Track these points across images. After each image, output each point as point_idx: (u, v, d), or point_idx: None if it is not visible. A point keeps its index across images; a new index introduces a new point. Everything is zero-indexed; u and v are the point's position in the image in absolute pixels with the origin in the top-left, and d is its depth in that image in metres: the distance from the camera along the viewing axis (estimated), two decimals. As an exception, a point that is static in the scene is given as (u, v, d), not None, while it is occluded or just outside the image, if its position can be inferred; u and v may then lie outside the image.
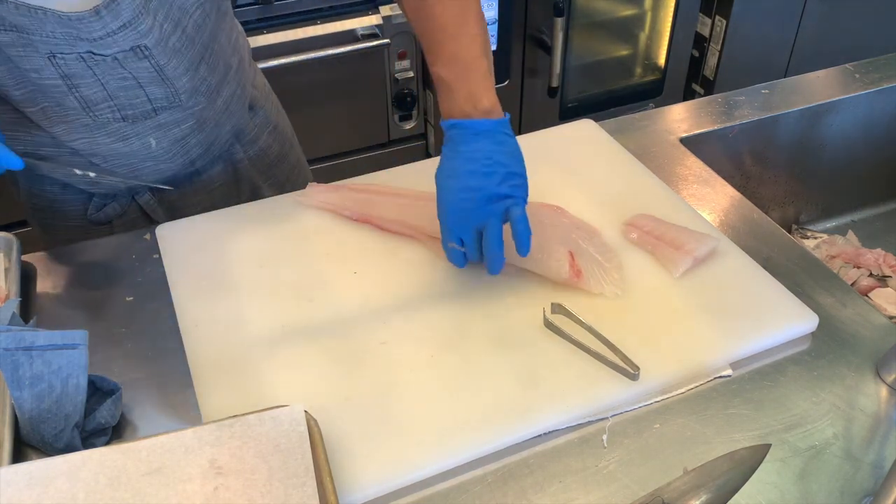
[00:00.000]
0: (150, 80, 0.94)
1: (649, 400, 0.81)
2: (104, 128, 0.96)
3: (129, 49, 0.89)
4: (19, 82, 0.91)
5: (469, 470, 0.75)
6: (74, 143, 0.97)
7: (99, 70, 0.90)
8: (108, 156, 1.00)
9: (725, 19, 2.29)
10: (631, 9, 2.30)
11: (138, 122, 0.97)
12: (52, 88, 0.91)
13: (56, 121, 0.95)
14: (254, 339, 0.86)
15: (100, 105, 0.94)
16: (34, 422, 0.75)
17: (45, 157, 1.00)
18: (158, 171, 1.05)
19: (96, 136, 0.97)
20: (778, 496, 0.73)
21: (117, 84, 0.92)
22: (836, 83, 1.32)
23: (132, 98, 0.95)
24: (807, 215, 1.40)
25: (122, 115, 0.96)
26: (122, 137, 0.98)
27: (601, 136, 1.17)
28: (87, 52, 0.88)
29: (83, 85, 0.91)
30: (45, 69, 0.88)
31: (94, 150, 0.98)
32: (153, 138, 1.00)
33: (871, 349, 0.87)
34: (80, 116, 0.94)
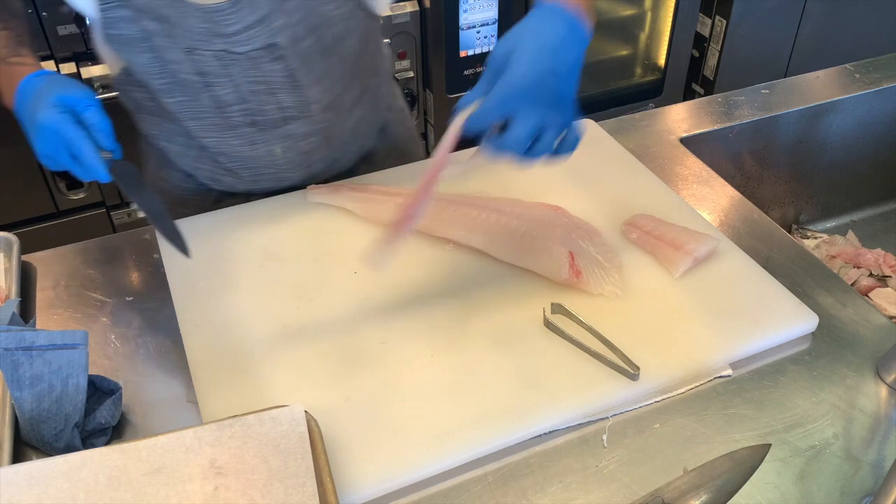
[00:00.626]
0: (281, 84, 0.95)
1: (649, 400, 0.81)
2: (234, 130, 0.99)
3: (263, 48, 0.91)
4: (161, 72, 0.93)
5: (469, 470, 0.75)
6: (204, 139, 1.00)
7: (233, 70, 0.92)
8: (233, 157, 1.02)
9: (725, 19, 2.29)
10: (631, 9, 2.30)
11: (267, 129, 0.99)
12: (189, 83, 0.93)
13: (190, 115, 0.97)
14: (254, 339, 0.87)
15: (232, 107, 0.96)
16: (34, 422, 0.75)
17: (176, 147, 1.04)
18: (278, 180, 1.07)
19: (226, 136, 0.99)
20: (778, 496, 0.73)
21: (250, 88, 0.94)
22: (836, 83, 1.32)
23: (263, 104, 0.96)
24: (807, 215, 1.40)
25: (252, 119, 0.98)
26: (250, 142, 1.00)
27: (601, 136, 1.17)
28: (222, 49, 0.90)
29: (217, 84, 0.93)
30: (184, 63, 0.91)
31: (221, 149, 1.01)
32: (279, 147, 1.02)
33: (871, 349, 0.87)
34: (213, 116, 0.97)
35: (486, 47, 2.03)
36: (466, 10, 1.97)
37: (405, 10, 1.93)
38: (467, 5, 1.96)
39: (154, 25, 0.88)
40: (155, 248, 0.99)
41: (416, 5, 1.94)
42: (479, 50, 2.03)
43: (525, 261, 0.92)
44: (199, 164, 1.06)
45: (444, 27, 1.96)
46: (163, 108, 0.98)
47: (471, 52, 2.03)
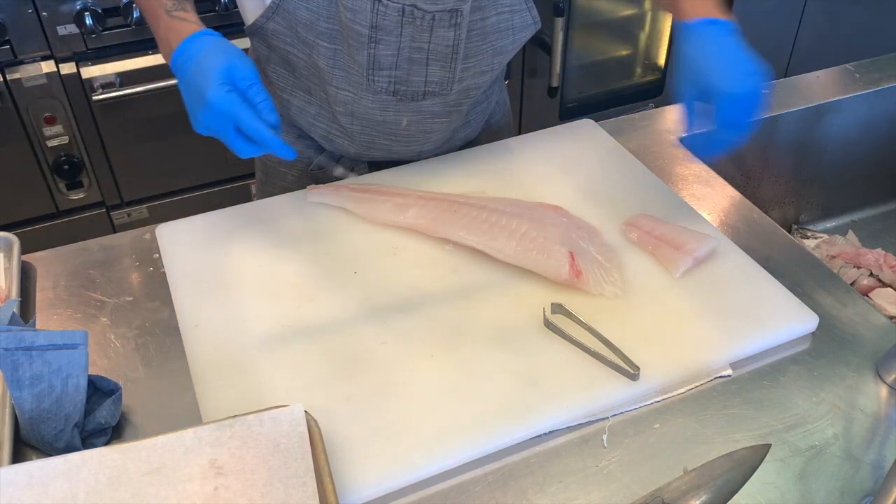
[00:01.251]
0: (441, 55, 0.99)
1: (649, 400, 0.81)
2: (374, 95, 1.01)
3: (448, 10, 0.94)
4: (332, 16, 0.96)
5: (469, 470, 0.75)
6: (340, 93, 1.02)
7: (407, 31, 0.95)
8: (358, 117, 1.05)
9: (725, 19, 2.28)
10: (631, 9, 2.29)
11: (405, 101, 1.03)
12: (356, 36, 0.95)
13: (339, 64, 1.00)
14: (254, 339, 0.86)
15: (383, 72, 0.99)
16: (34, 422, 0.75)
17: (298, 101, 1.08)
18: (390, 151, 1.10)
19: (362, 97, 1.02)
20: (778, 496, 0.73)
21: (409, 54, 0.97)
22: (836, 83, 1.32)
23: (413, 74, 1.00)
24: (807, 215, 1.40)
25: (395, 88, 1.01)
26: (382, 108, 1.03)
27: (601, 136, 1.17)
28: (411, 4, 0.93)
29: (383, 43, 0.96)
30: (363, 13, 0.93)
31: (350, 107, 1.03)
32: (407, 119, 1.05)
33: (871, 349, 0.86)
34: (360, 74, 0.99)
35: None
36: (466, 9, 1.97)
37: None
38: (467, 5, 1.96)
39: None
40: (155, 248, 0.99)
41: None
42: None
43: (525, 261, 0.92)
44: (317, 122, 1.10)
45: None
46: (311, 52, 1.00)
47: (471, 51, 2.03)
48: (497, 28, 1.03)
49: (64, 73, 1.75)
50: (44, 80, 1.75)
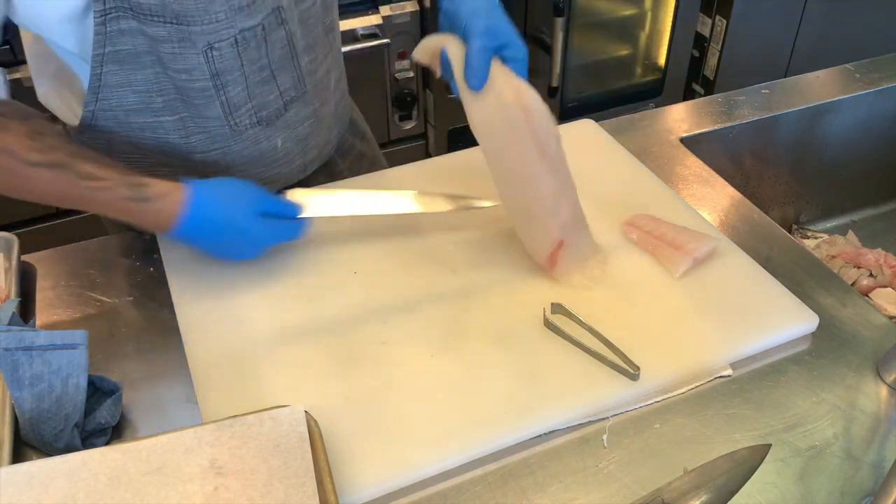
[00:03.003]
0: (281, 62, 0.96)
1: (649, 400, 0.81)
2: (240, 135, 0.98)
3: (271, 12, 0.91)
4: (164, 88, 0.90)
5: (469, 470, 0.75)
6: (207, 156, 0.98)
7: (245, 58, 0.91)
8: (233, 167, 1.01)
9: (725, 19, 2.29)
10: (631, 9, 2.29)
11: (271, 123, 1.00)
12: (199, 94, 0.91)
13: (194, 130, 0.95)
14: (254, 339, 0.86)
15: (240, 109, 0.95)
16: (34, 422, 0.75)
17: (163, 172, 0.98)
18: (276, 179, 1.06)
19: (231, 144, 0.98)
20: (778, 496, 0.73)
21: (255, 78, 0.94)
22: (836, 83, 1.32)
23: (267, 94, 0.97)
24: (807, 215, 1.40)
25: (258, 118, 0.98)
26: (254, 142, 1.00)
27: (601, 136, 1.17)
28: (240, 31, 0.89)
29: (230, 83, 0.92)
30: (198, 69, 0.89)
31: (223, 164, 0.99)
32: (280, 139, 1.02)
33: (871, 349, 0.87)
34: (220, 125, 0.95)
35: (486, 47, 2.02)
36: (466, 9, 1.97)
37: (405, 10, 1.93)
38: (467, 5, 1.96)
39: (165, 30, 0.84)
40: (155, 248, 0.99)
41: (416, 5, 1.94)
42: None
43: (523, 221, 0.92)
44: None
45: (444, 27, 1.96)
46: (153, 135, 0.94)
47: (471, 51, 2.03)
48: (326, 5, 1.01)
49: (64, 73, 1.75)
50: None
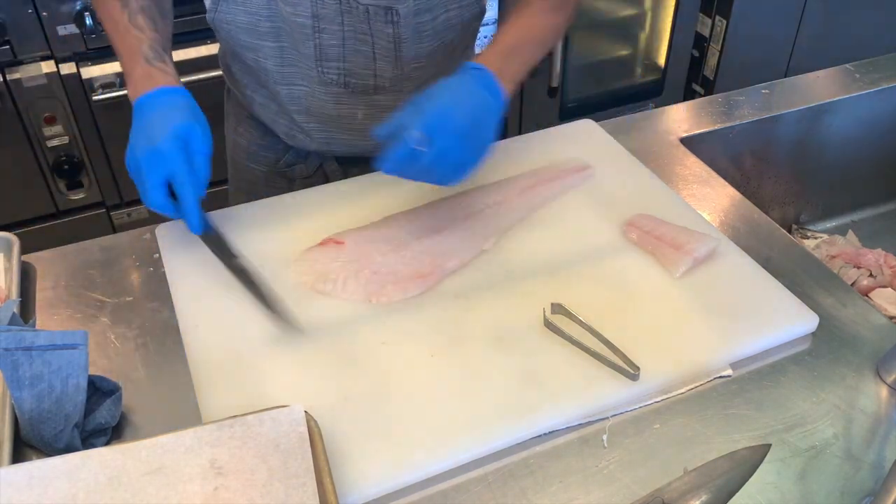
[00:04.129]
0: (384, 52, 1.00)
1: (649, 400, 0.81)
2: (326, 86, 1.02)
3: (383, 7, 0.95)
4: (273, 14, 0.98)
5: (469, 470, 0.75)
6: (293, 88, 1.03)
7: (347, 20, 0.97)
8: (314, 114, 1.06)
9: (725, 19, 2.29)
10: (631, 9, 2.30)
11: (357, 94, 1.04)
12: (299, 28, 0.97)
13: (289, 61, 1.02)
14: (254, 339, 0.86)
15: (331, 63, 1.00)
16: (34, 422, 0.75)
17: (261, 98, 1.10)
18: (350, 145, 1.11)
19: (315, 89, 1.03)
20: (778, 496, 0.73)
21: (354, 46, 0.99)
22: (836, 83, 1.32)
23: (361, 67, 1.01)
24: (807, 215, 1.40)
25: (346, 80, 1.02)
26: (337, 100, 1.05)
27: (601, 136, 1.17)
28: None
29: (327, 31, 0.97)
30: (302, 4, 0.96)
31: (305, 104, 1.05)
32: (361, 112, 1.06)
33: (871, 349, 0.86)
34: (310, 66, 1.00)
35: (486, 47, 2.03)
36: (466, 9, 1.97)
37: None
38: (467, 5, 1.96)
39: None
40: (155, 248, 0.99)
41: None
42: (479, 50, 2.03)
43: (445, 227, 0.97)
44: (278, 119, 1.11)
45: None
46: (256, 55, 1.01)
47: (471, 51, 2.03)
48: (448, 25, 1.04)
49: (64, 73, 1.76)
50: (44, 81, 1.75)
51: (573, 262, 0.95)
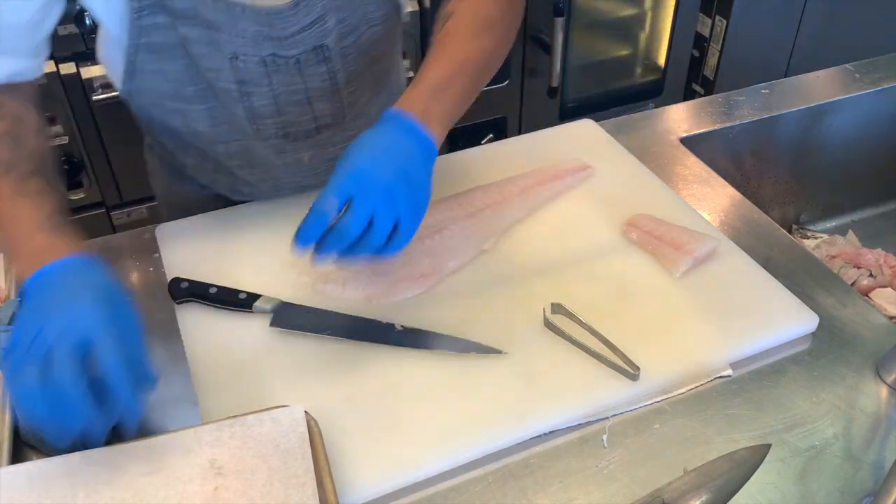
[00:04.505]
0: (320, 92, 0.94)
1: (649, 400, 0.81)
2: (264, 141, 0.96)
3: (312, 49, 0.89)
4: (195, 78, 0.90)
5: (469, 470, 0.75)
6: (230, 145, 0.97)
7: (276, 78, 0.90)
8: (257, 166, 0.99)
9: (725, 19, 2.29)
10: (631, 9, 2.29)
11: (299, 139, 0.97)
12: (225, 93, 0.90)
13: (221, 121, 0.94)
14: (254, 338, 0.86)
15: (266, 119, 0.93)
16: (34, 422, 0.75)
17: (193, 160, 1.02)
18: (301, 185, 1.03)
19: (255, 144, 0.96)
20: (778, 496, 0.73)
21: (288, 98, 0.92)
22: (836, 83, 1.32)
23: (299, 115, 0.94)
24: (807, 215, 1.40)
25: (285, 132, 0.95)
26: (278, 151, 0.97)
27: (601, 136, 1.17)
28: (270, 54, 0.88)
29: (256, 94, 0.90)
30: (224, 71, 0.88)
31: (246, 158, 0.98)
32: (308, 155, 0.99)
33: (871, 349, 0.86)
34: (244, 126, 0.94)
35: (486, 47, 2.03)
36: (466, 9, 1.97)
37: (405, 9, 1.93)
38: (467, 5, 1.96)
39: (196, 32, 0.85)
40: (155, 248, 0.99)
41: (415, 5, 1.94)
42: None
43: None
44: (218, 176, 1.05)
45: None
46: (185, 119, 0.95)
47: (471, 51, 2.03)
48: (372, 39, 0.97)
49: (64, 73, 1.75)
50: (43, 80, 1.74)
51: (573, 262, 0.95)
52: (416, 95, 0.82)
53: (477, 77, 0.88)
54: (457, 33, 0.88)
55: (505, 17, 0.92)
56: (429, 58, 0.87)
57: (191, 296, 0.90)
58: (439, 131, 0.82)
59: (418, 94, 0.82)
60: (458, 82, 0.85)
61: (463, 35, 0.88)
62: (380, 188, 0.75)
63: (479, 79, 0.89)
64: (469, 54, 0.87)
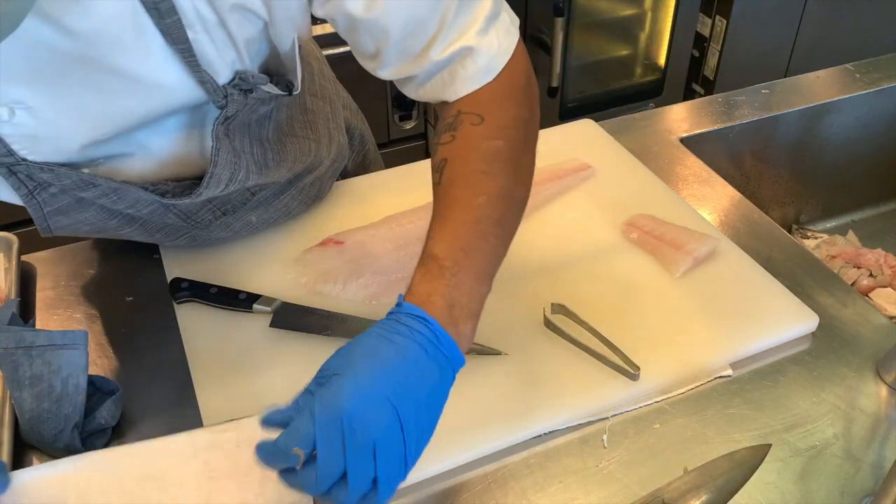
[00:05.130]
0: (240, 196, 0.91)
1: (649, 400, 0.81)
2: (206, 229, 0.92)
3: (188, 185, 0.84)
4: (113, 216, 0.85)
5: (469, 470, 0.75)
6: (178, 239, 0.93)
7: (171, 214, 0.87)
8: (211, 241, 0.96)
9: (725, 19, 2.29)
10: (631, 9, 2.29)
11: (238, 210, 0.92)
12: (149, 214, 0.86)
13: (155, 230, 0.90)
14: (254, 339, 0.86)
15: (198, 213, 0.89)
16: (34, 422, 0.75)
17: None
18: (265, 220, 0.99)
19: (198, 233, 0.93)
20: (778, 496, 0.73)
21: (202, 203, 0.88)
22: (836, 83, 1.32)
23: (231, 195, 0.89)
24: (807, 215, 1.40)
25: (222, 211, 0.91)
26: (224, 226, 0.93)
27: (601, 136, 1.17)
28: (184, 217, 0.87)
29: (181, 203, 0.85)
30: (141, 201, 0.83)
31: (195, 242, 0.95)
32: (254, 215, 0.95)
33: (871, 349, 0.86)
34: (181, 225, 0.90)
35: (486, 47, 2.03)
36: (466, 10, 1.97)
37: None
38: (467, 5, 1.96)
39: (92, 192, 0.79)
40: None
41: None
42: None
43: None
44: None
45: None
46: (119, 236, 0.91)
47: (471, 52, 2.03)
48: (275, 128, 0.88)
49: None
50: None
51: (573, 262, 0.95)
52: (431, 283, 0.64)
53: (501, 229, 0.70)
54: (459, 183, 0.70)
55: (515, 142, 0.74)
56: (434, 226, 0.69)
57: (191, 296, 0.90)
58: (469, 327, 0.65)
59: (433, 280, 0.65)
60: (479, 249, 0.67)
61: (468, 183, 0.70)
62: (360, 444, 0.58)
63: (504, 228, 0.70)
64: (483, 208, 0.68)
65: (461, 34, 0.73)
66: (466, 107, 0.74)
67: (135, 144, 0.79)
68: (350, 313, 0.88)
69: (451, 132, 0.73)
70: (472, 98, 0.75)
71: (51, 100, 0.69)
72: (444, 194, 0.70)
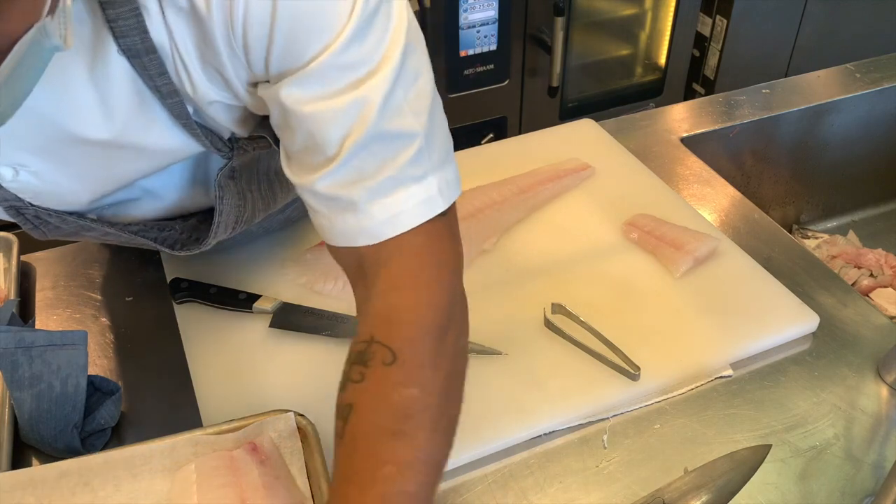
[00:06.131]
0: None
1: (650, 400, 0.81)
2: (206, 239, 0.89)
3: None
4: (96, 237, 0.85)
5: (469, 470, 0.75)
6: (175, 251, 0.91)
7: None
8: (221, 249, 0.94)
9: (726, 19, 2.29)
10: (631, 8, 2.29)
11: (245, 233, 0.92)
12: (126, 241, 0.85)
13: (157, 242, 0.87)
14: (253, 339, 0.86)
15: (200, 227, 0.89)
16: (34, 422, 0.75)
17: None
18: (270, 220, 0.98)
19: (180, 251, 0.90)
20: (778, 496, 0.73)
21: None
22: (837, 83, 1.32)
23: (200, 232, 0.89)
24: (807, 215, 1.40)
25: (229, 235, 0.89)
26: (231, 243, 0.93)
27: (601, 136, 1.17)
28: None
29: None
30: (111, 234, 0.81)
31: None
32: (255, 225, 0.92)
33: (871, 349, 0.86)
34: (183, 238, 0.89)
35: (486, 47, 2.02)
36: (466, 9, 1.97)
37: None
38: (467, 5, 1.96)
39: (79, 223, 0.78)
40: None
41: (416, 5, 1.94)
42: (480, 49, 2.03)
43: None
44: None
45: (443, 27, 1.96)
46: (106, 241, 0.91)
47: (471, 51, 2.03)
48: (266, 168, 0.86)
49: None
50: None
51: (573, 262, 0.95)
52: None
53: (416, 501, 0.57)
54: (362, 446, 0.58)
55: (434, 387, 0.61)
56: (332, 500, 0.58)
57: (191, 296, 0.90)
58: None
59: None
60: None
61: (373, 450, 0.58)
62: None
63: (420, 500, 0.57)
64: (391, 481, 0.57)
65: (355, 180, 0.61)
66: (379, 333, 0.62)
67: (140, 190, 0.80)
68: (350, 313, 0.88)
69: (361, 367, 0.61)
70: (384, 319, 0.63)
71: (56, 166, 0.69)
72: (347, 458, 0.58)
